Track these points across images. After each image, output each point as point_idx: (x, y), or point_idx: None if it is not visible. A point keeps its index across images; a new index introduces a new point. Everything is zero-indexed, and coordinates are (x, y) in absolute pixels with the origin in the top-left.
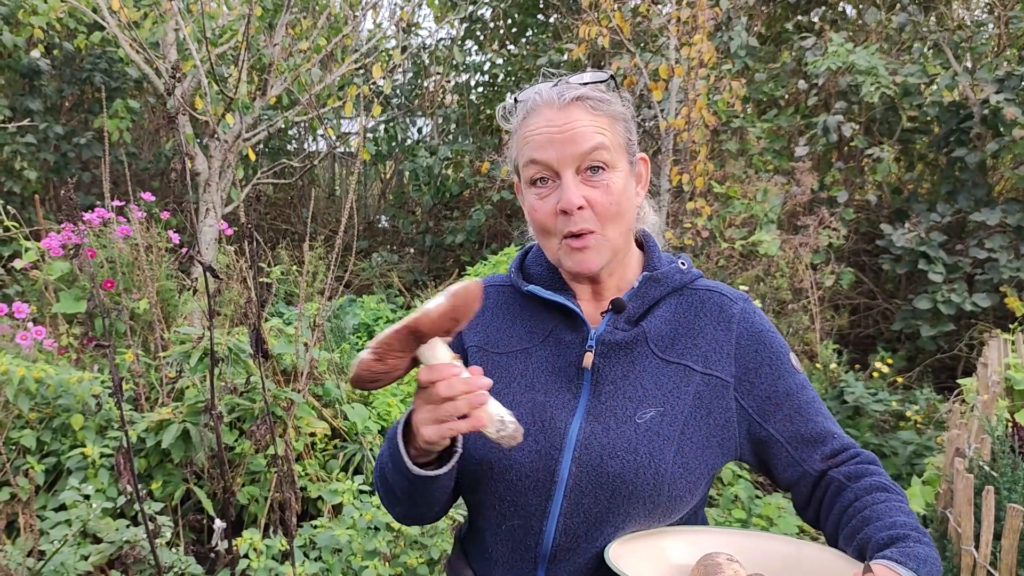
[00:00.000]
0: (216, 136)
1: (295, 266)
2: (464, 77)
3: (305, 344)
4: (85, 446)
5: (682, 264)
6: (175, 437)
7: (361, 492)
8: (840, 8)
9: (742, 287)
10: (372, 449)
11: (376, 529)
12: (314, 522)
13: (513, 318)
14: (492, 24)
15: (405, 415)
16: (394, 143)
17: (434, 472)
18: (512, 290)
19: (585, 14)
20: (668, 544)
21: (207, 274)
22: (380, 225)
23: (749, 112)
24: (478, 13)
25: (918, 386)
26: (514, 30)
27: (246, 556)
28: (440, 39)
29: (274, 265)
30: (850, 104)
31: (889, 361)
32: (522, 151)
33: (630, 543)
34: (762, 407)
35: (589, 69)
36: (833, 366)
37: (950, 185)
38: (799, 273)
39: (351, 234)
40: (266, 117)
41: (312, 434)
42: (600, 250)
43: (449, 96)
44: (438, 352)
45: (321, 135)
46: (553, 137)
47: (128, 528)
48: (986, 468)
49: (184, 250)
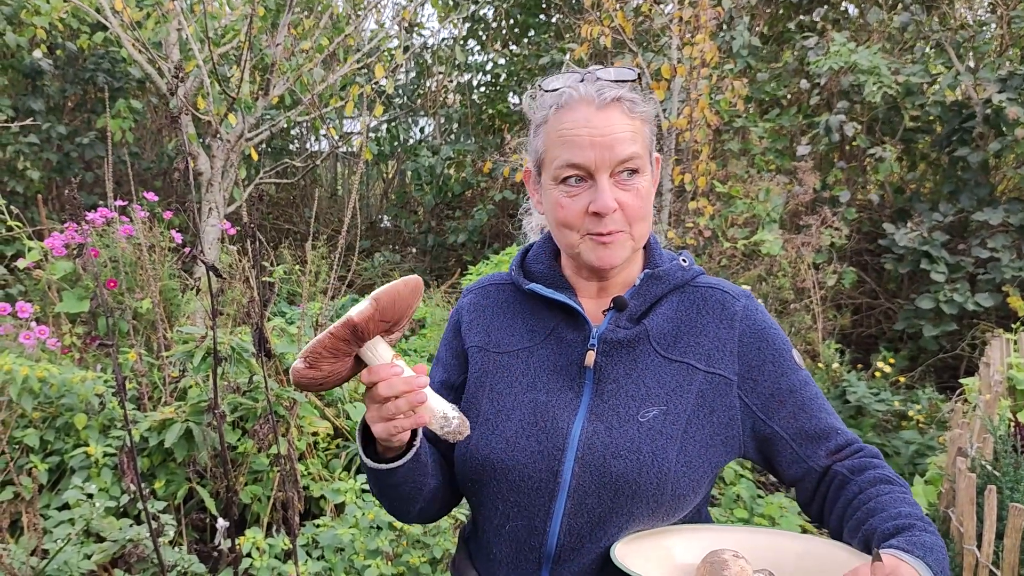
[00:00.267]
0: (219, 136)
1: (298, 266)
2: (466, 77)
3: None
4: (88, 445)
5: (683, 261)
6: (178, 436)
7: (363, 491)
8: (842, 8)
9: (744, 286)
10: None
11: (378, 528)
12: (316, 521)
13: (514, 316)
14: (494, 24)
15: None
16: (396, 143)
17: (390, 465)
18: (513, 288)
19: (587, 14)
20: (673, 542)
21: (210, 273)
22: (382, 225)
23: (751, 112)
24: (480, 13)
25: (920, 386)
26: (516, 30)
27: (249, 555)
28: (442, 39)
29: (277, 265)
30: (852, 104)
31: (891, 361)
32: (555, 147)
33: (635, 542)
34: (766, 404)
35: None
36: (835, 366)
37: (952, 185)
38: (801, 273)
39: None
40: (268, 117)
41: (315, 433)
42: (625, 248)
43: (451, 96)
44: (379, 352)
45: (323, 135)
46: (594, 140)
47: (131, 527)
48: (988, 467)
49: (187, 250)
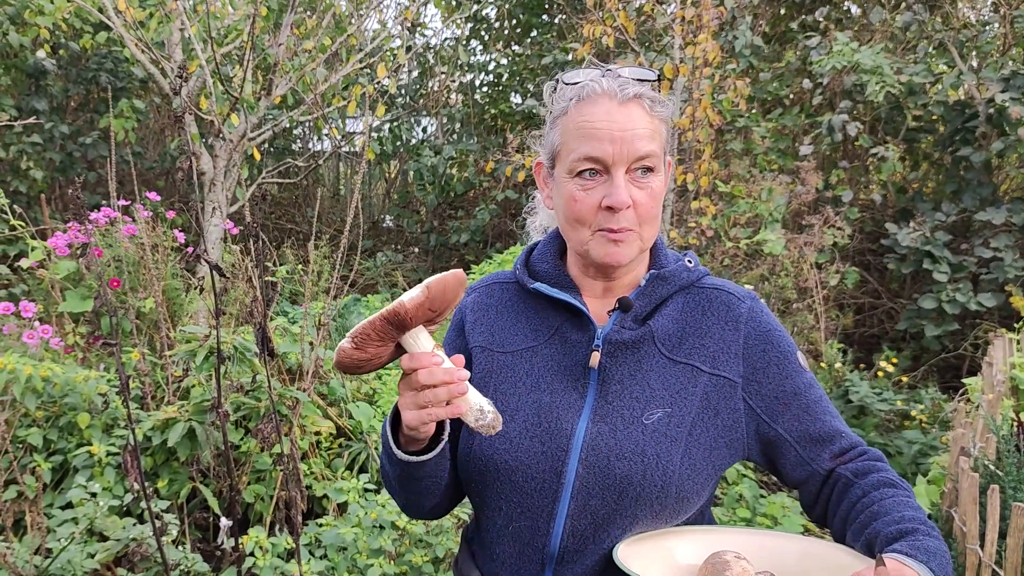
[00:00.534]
0: (221, 136)
1: (300, 265)
2: (469, 77)
3: (310, 343)
4: (92, 444)
5: (689, 262)
6: (181, 435)
7: (366, 491)
8: (845, 7)
9: (747, 286)
10: (377, 448)
11: (381, 528)
12: (319, 520)
13: (518, 316)
14: (497, 24)
15: (396, 402)
16: (399, 143)
17: (419, 458)
18: (517, 287)
19: (590, 14)
20: (675, 544)
21: (213, 273)
22: (385, 224)
23: (754, 111)
24: (483, 13)
25: (923, 385)
26: (519, 30)
27: (252, 554)
28: (445, 39)
29: (279, 264)
30: (855, 103)
31: (894, 360)
32: (573, 139)
33: (638, 543)
34: (770, 407)
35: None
36: (838, 365)
37: (955, 184)
38: (804, 272)
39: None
40: (271, 117)
41: (317, 433)
42: (633, 247)
43: (454, 96)
44: (421, 340)
45: (326, 135)
46: (614, 135)
47: (134, 526)
48: (991, 467)
49: (190, 249)
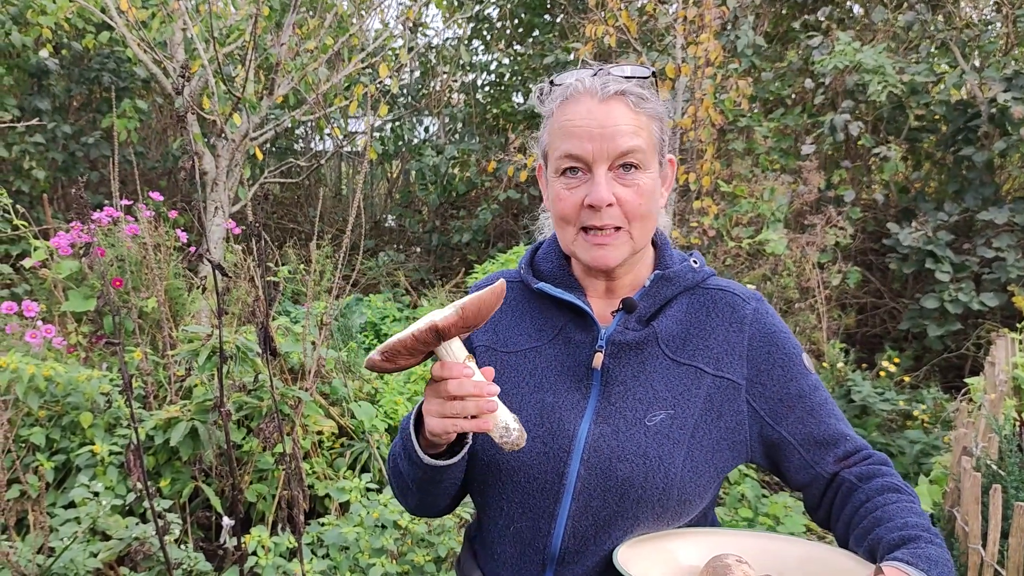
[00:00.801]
0: (223, 135)
1: (302, 265)
2: (471, 76)
3: (312, 343)
4: (94, 444)
5: (694, 262)
6: (183, 435)
7: (368, 490)
8: (847, 7)
9: (749, 286)
10: (379, 447)
11: (383, 527)
12: (322, 520)
13: (522, 315)
14: (499, 24)
15: (419, 404)
16: (401, 142)
17: (444, 462)
18: (522, 286)
19: (592, 13)
20: (677, 546)
21: (216, 272)
22: (387, 224)
23: (756, 111)
24: (485, 13)
25: (925, 385)
26: (521, 30)
27: (254, 553)
28: (447, 38)
29: (281, 264)
30: (857, 103)
31: (896, 360)
32: (557, 139)
33: (639, 546)
34: (774, 409)
35: (620, 62)
36: (840, 365)
37: (957, 184)
38: (806, 272)
39: (358, 233)
40: (273, 116)
41: (319, 432)
42: (621, 248)
43: (456, 95)
44: (454, 350)
45: (328, 134)
46: (593, 131)
47: (137, 525)
48: (993, 467)
49: (192, 249)
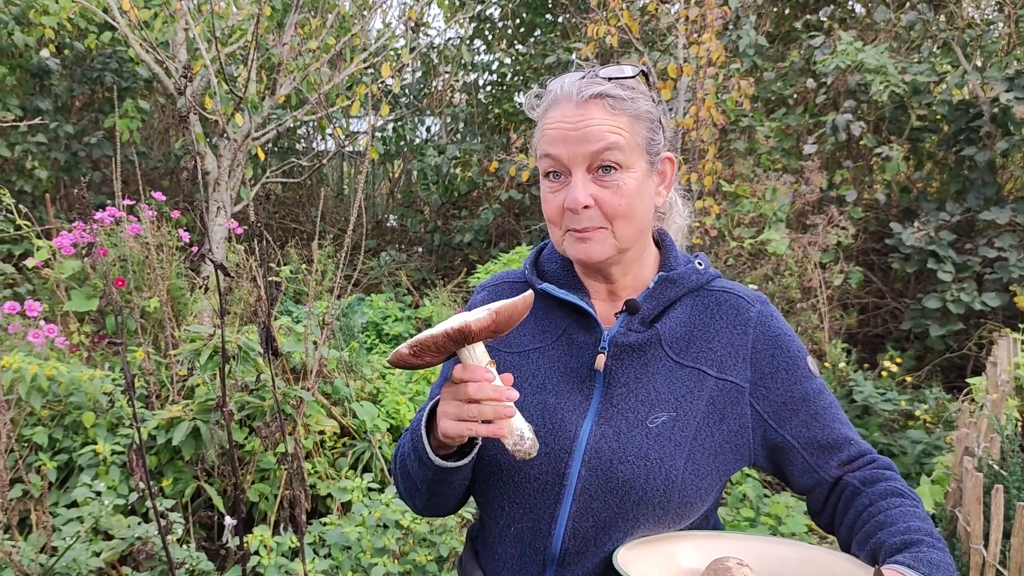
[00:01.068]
0: (226, 135)
1: (304, 265)
2: (472, 76)
3: (314, 342)
4: (96, 443)
5: (699, 264)
6: (186, 434)
7: (370, 490)
8: (849, 7)
9: (751, 286)
10: (381, 447)
11: (385, 527)
12: (324, 519)
13: (526, 316)
14: (500, 23)
15: (430, 405)
16: (403, 142)
17: (455, 464)
18: (525, 287)
19: (593, 13)
20: (677, 549)
21: (218, 272)
22: (388, 224)
23: (758, 111)
24: (486, 12)
25: (927, 385)
26: (522, 29)
27: (256, 553)
28: (449, 38)
29: (283, 264)
30: (859, 103)
31: (898, 360)
32: (540, 143)
33: (639, 548)
34: (778, 412)
35: (622, 62)
36: (842, 365)
37: (959, 184)
38: (808, 272)
39: (360, 233)
40: (275, 116)
41: (321, 432)
42: (604, 243)
43: (457, 95)
44: (477, 354)
45: (330, 134)
46: (567, 134)
47: (139, 525)
48: (995, 467)
49: (194, 248)
